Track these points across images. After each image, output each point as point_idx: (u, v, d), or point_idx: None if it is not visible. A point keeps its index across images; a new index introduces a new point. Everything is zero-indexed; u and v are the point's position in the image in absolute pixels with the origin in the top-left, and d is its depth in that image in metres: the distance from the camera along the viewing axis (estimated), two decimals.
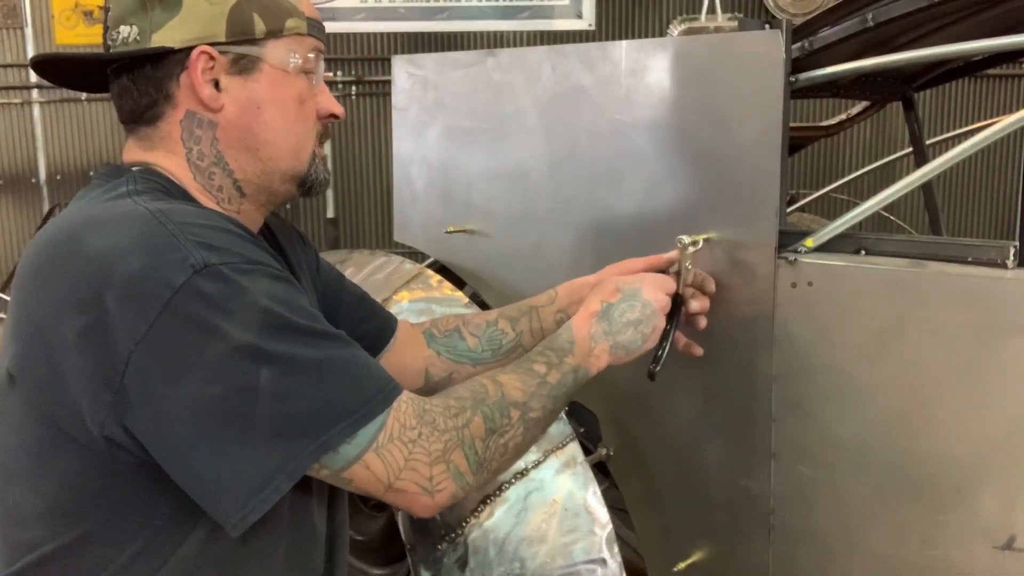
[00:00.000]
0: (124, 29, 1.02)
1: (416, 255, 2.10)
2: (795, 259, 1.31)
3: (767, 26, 1.39)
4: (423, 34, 4.79)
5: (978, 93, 4.88)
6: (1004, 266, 1.17)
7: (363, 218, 4.95)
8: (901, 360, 1.23)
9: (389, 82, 2.27)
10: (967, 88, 4.86)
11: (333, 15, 4.66)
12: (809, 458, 1.34)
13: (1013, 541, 1.16)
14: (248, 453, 0.89)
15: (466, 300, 1.82)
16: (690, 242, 1.29)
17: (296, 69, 1.06)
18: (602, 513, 1.52)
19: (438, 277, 1.87)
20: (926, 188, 2.49)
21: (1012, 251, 1.17)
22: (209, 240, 0.90)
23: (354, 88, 4.80)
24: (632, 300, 1.21)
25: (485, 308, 1.78)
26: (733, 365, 1.40)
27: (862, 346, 1.26)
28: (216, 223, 0.95)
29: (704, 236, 1.35)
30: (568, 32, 4.79)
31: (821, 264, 1.29)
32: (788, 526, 1.39)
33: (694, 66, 1.42)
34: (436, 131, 1.92)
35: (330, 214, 4.88)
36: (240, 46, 1.03)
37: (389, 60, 2.33)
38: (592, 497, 1.53)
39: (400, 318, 1.39)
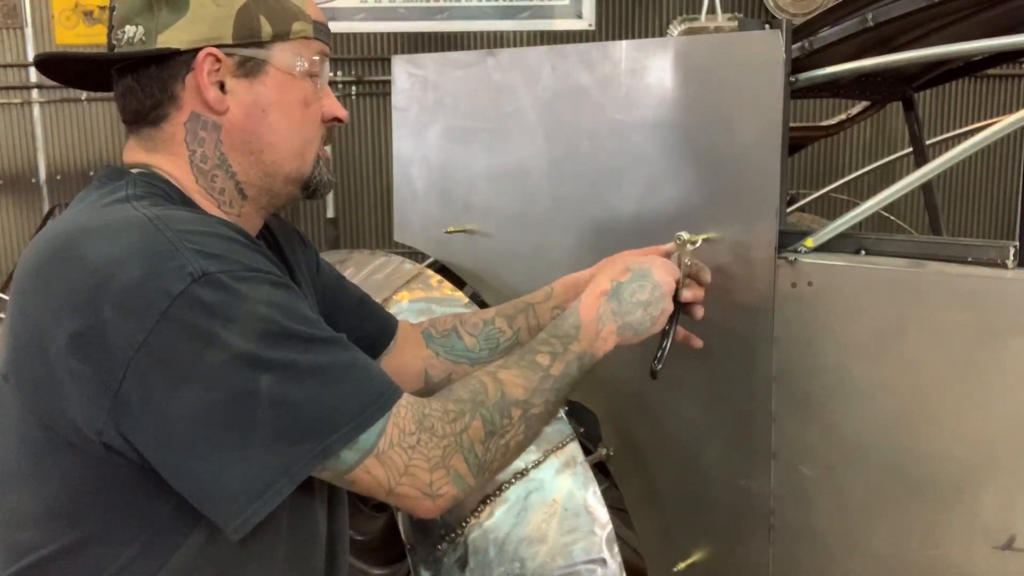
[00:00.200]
0: (129, 29, 1.02)
1: (416, 255, 2.10)
2: (795, 259, 1.31)
3: (767, 26, 1.39)
4: (423, 34, 4.79)
5: (978, 93, 4.88)
6: (1004, 266, 1.17)
7: (363, 218, 4.95)
8: (901, 360, 1.23)
9: (389, 82, 2.27)
10: (967, 88, 4.86)
11: (333, 15, 4.66)
12: (809, 458, 1.34)
13: (1013, 541, 1.16)
14: (249, 457, 0.89)
15: (466, 300, 1.82)
16: (688, 239, 1.29)
17: (302, 72, 1.06)
18: (602, 513, 1.52)
19: (438, 277, 1.87)
20: (926, 188, 2.49)
21: (1012, 251, 1.17)
22: (208, 247, 0.90)
23: (354, 88, 4.80)
24: (643, 280, 1.20)
25: (484, 308, 1.78)
26: (733, 365, 1.40)
27: (862, 346, 1.26)
28: (215, 229, 0.94)
29: (704, 236, 1.34)
30: (568, 32, 4.79)
31: (821, 264, 1.29)
32: (788, 526, 1.39)
33: (694, 66, 1.42)
34: (436, 131, 1.92)
35: (330, 214, 4.88)
36: (246, 49, 1.03)
37: (389, 60, 2.33)
38: (592, 497, 1.53)
39: (400, 318, 1.39)
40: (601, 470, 1.72)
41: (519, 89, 1.71)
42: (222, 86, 1.03)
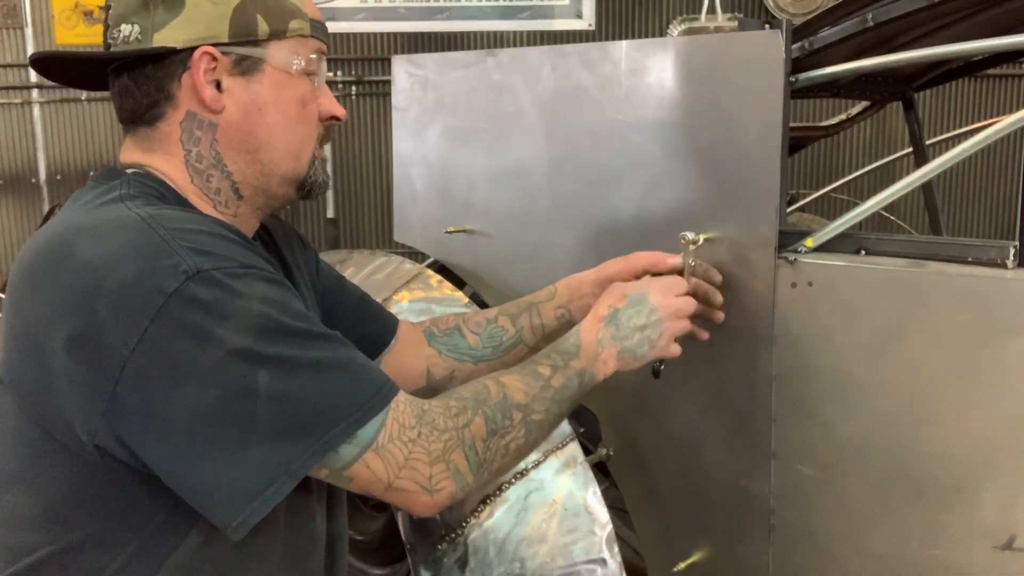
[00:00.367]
0: (125, 28, 1.02)
1: (416, 255, 2.10)
2: (795, 259, 1.31)
3: (767, 26, 1.39)
4: (423, 34, 4.79)
5: (978, 93, 4.88)
6: (1004, 266, 1.17)
7: (363, 218, 4.95)
8: (901, 360, 1.23)
9: (389, 82, 2.27)
10: (967, 88, 4.86)
11: (333, 15, 4.66)
12: (809, 458, 1.34)
13: (1013, 541, 1.16)
14: (249, 455, 0.88)
15: (466, 300, 1.82)
16: (692, 239, 1.30)
17: (299, 71, 1.06)
18: (602, 513, 1.52)
19: (438, 277, 1.86)
20: (926, 188, 2.49)
21: (1012, 251, 1.17)
22: (201, 245, 0.90)
23: (354, 88, 4.79)
24: (639, 305, 1.21)
25: (485, 308, 1.78)
26: (733, 365, 1.40)
27: (862, 346, 1.26)
28: (208, 228, 0.94)
29: (704, 236, 1.35)
30: (568, 32, 4.79)
31: (821, 264, 1.29)
32: (788, 526, 1.39)
33: (694, 66, 1.42)
34: (436, 131, 1.92)
35: (330, 214, 4.88)
36: (243, 47, 1.03)
37: (389, 60, 2.33)
38: (592, 497, 1.53)
39: (400, 318, 1.39)
40: (601, 470, 1.72)
41: (519, 89, 1.71)
42: (218, 85, 1.02)
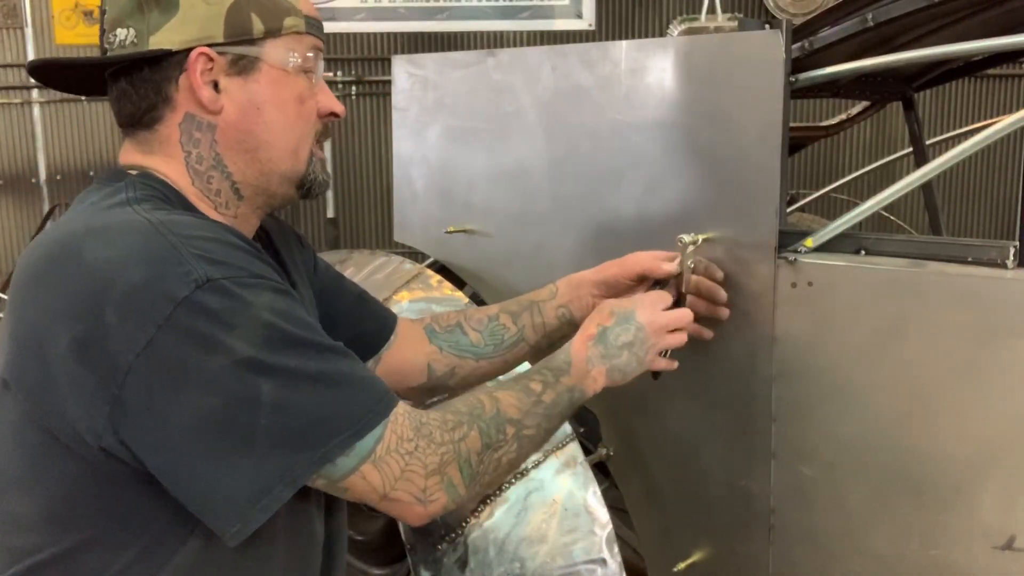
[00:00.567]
0: (121, 32, 1.02)
1: (416, 255, 2.10)
2: (795, 259, 1.31)
3: (767, 26, 1.39)
4: (423, 34, 4.79)
5: (978, 93, 4.88)
6: (1004, 266, 1.17)
7: (363, 218, 4.95)
8: (901, 360, 1.23)
9: (389, 82, 2.27)
10: (967, 88, 4.86)
11: (333, 15, 4.66)
12: (809, 458, 1.34)
13: (1013, 541, 1.16)
14: (248, 463, 0.89)
15: (466, 300, 1.82)
16: (690, 241, 1.30)
17: (295, 68, 1.06)
18: (602, 513, 1.52)
19: (438, 277, 1.87)
20: (926, 188, 2.49)
21: (1012, 251, 1.17)
22: (211, 253, 0.90)
23: (354, 88, 4.79)
24: (626, 323, 1.21)
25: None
26: (733, 365, 1.40)
27: (862, 346, 1.26)
28: (218, 235, 0.94)
29: (704, 236, 1.35)
30: (568, 32, 4.79)
31: (821, 264, 1.29)
32: (788, 526, 1.39)
33: (694, 66, 1.42)
34: (436, 131, 1.92)
35: (330, 214, 4.89)
36: (239, 46, 1.02)
37: (389, 60, 2.33)
38: (592, 497, 1.53)
39: (400, 318, 1.39)
40: (601, 470, 1.72)
41: (519, 89, 1.71)
42: (216, 85, 1.02)
